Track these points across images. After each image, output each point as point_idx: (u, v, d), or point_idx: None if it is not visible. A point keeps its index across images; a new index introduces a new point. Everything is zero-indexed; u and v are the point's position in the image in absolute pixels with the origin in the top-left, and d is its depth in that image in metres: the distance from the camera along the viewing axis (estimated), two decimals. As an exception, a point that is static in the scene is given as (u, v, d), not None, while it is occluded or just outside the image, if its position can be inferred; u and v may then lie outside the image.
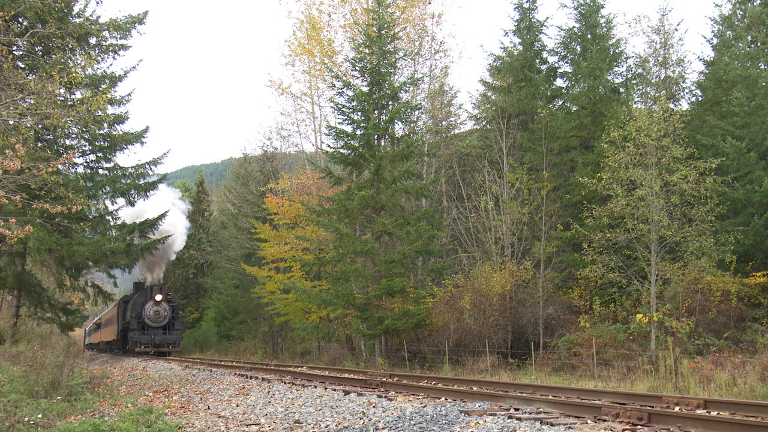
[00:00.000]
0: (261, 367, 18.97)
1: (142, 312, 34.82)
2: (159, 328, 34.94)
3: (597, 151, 21.77)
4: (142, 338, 34.03)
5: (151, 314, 34.75)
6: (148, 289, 36.26)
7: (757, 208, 18.68)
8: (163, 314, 35.17)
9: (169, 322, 35.50)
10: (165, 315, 35.21)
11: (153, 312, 34.84)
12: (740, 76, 20.12)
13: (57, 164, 14.22)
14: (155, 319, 34.81)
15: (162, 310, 35.16)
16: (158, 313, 34.98)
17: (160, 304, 35.35)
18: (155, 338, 34.01)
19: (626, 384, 14.25)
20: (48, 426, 9.69)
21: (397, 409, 8.74)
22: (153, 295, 35.35)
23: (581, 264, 20.11)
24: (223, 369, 17.31)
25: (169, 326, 35.47)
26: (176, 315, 36.23)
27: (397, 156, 22.16)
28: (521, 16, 28.30)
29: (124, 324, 37.79)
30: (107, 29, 22.00)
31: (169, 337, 34.73)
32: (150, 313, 34.76)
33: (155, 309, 35.00)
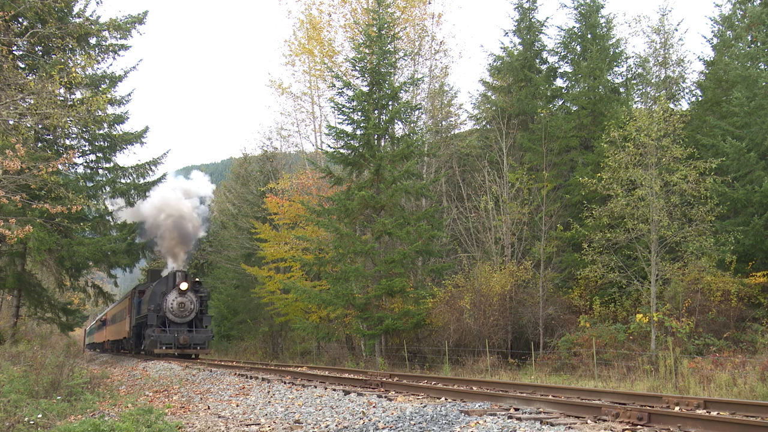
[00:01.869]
0: (261, 367, 18.96)
1: (162, 304, 28.15)
2: (184, 324, 28.34)
3: (597, 151, 21.77)
4: (164, 337, 27.34)
5: (174, 307, 28.07)
6: (170, 275, 29.26)
7: (757, 208, 18.68)
8: (190, 307, 28.43)
9: (196, 316, 28.69)
10: (192, 308, 28.50)
11: (177, 304, 28.10)
12: (740, 76, 20.12)
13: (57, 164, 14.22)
14: (179, 313, 28.17)
15: (188, 302, 28.36)
16: (183, 305, 28.23)
17: (185, 294, 28.39)
18: (180, 337, 27.34)
19: (626, 384, 14.25)
20: (48, 426, 9.69)
21: (397, 409, 8.74)
22: (177, 283, 28.50)
23: (581, 264, 20.11)
24: (223, 369, 17.32)
25: (197, 322, 28.70)
26: (205, 308, 29.30)
27: (397, 156, 22.16)
28: (521, 16, 28.30)
29: (139, 319, 31.37)
30: (107, 29, 22.01)
31: (196, 335, 27.89)
32: (173, 306, 28.08)
33: (180, 300, 28.14)
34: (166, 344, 27.15)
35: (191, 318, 28.48)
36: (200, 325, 28.68)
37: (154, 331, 27.54)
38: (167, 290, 28.45)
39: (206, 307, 29.45)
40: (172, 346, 27.18)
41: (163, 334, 27.34)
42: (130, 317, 33.57)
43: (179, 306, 28.12)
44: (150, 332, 27.53)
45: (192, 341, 27.56)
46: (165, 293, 28.30)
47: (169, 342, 27.24)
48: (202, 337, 28.05)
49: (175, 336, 27.33)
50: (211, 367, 18.40)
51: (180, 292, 28.29)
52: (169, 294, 28.21)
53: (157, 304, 28.19)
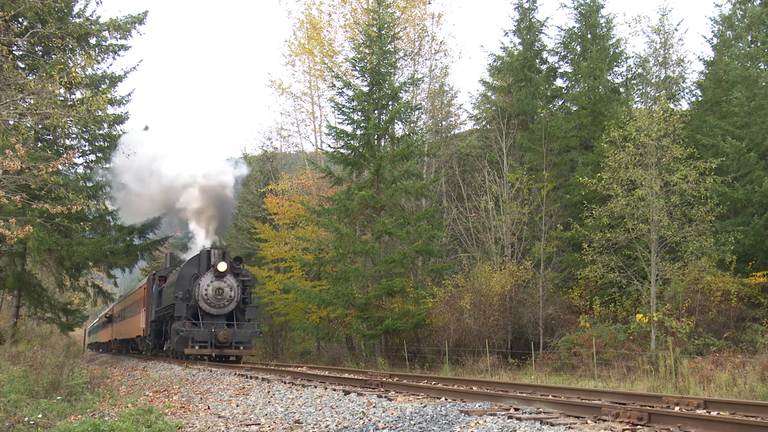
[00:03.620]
0: (261, 367, 18.97)
1: (193, 290, 22.05)
2: (221, 317, 21.98)
3: (597, 151, 21.77)
4: (197, 333, 21.18)
5: (209, 294, 21.87)
6: (202, 254, 22.89)
7: (757, 208, 18.68)
8: (229, 294, 22.12)
9: (237, 306, 22.31)
10: (231, 295, 22.18)
11: (213, 290, 21.91)
12: (740, 76, 20.12)
13: (57, 164, 14.23)
14: (216, 303, 21.95)
15: (227, 288, 22.08)
16: (221, 292, 21.93)
17: (224, 277, 22.07)
18: (218, 333, 21.13)
19: (626, 384, 14.25)
20: (48, 426, 9.69)
21: (397, 409, 8.74)
22: (213, 263, 22.36)
23: (581, 264, 20.11)
24: (223, 369, 17.32)
25: (237, 314, 22.36)
26: (248, 296, 23.06)
27: (397, 156, 22.16)
28: (521, 16, 28.30)
29: (161, 311, 25.23)
30: (107, 29, 22.01)
31: (239, 331, 21.62)
32: (208, 293, 21.87)
33: (217, 285, 21.94)
34: (200, 342, 21.10)
35: (231, 308, 22.13)
36: (242, 317, 22.38)
37: (184, 325, 21.37)
38: (200, 273, 22.35)
39: (249, 294, 23.08)
40: (208, 345, 21.15)
41: (196, 329, 21.26)
42: (147, 310, 27.44)
43: (216, 293, 21.86)
44: (179, 327, 21.44)
45: (234, 338, 21.33)
46: (197, 277, 22.25)
47: (204, 339, 21.13)
48: (246, 333, 21.64)
49: (212, 331, 21.17)
50: (211, 367, 18.41)
51: (217, 275, 21.98)
52: (202, 278, 22.00)
53: (187, 291, 22.19)
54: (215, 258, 22.39)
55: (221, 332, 21.06)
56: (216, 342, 21.11)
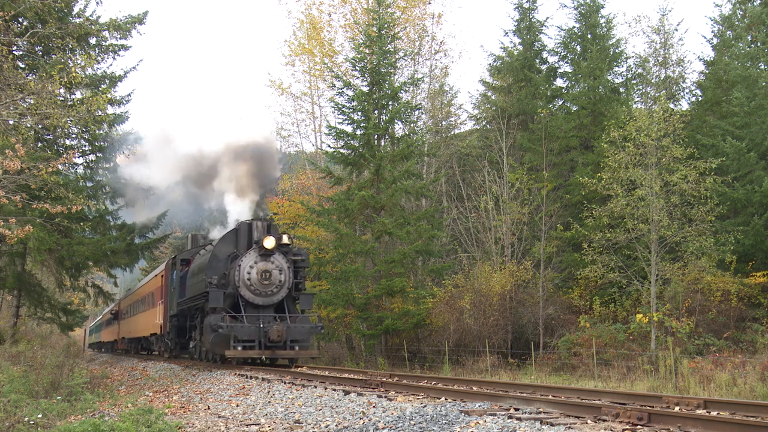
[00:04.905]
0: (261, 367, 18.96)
1: (232, 274, 17.57)
2: (269, 308, 17.59)
3: (597, 151, 21.77)
4: (240, 329, 16.61)
5: (253, 278, 17.31)
6: (241, 228, 18.36)
7: (757, 208, 18.68)
8: (278, 278, 17.53)
9: (288, 295, 17.88)
10: (282, 280, 17.58)
11: (258, 274, 17.34)
12: (740, 76, 20.12)
13: (57, 164, 14.23)
14: (263, 289, 17.38)
15: (276, 270, 17.51)
16: (268, 275, 17.36)
17: (271, 256, 17.54)
18: (269, 329, 16.57)
19: (626, 384, 14.25)
20: (48, 426, 9.69)
21: (397, 409, 8.74)
22: (257, 238, 17.77)
23: (581, 264, 20.11)
24: (223, 369, 17.32)
25: (289, 304, 17.97)
26: (302, 282, 18.50)
27: (397, 156, 22.17)
28: (521, 16, 28.30)
29: (186, 303, 20.24)
30: (107, 29, 21.98)
31: (296, 327, 17.14)
32: (251, 277, 17.32)
33: (263, 267, 17.40)
34: (244, 342, 16.56)
35: (281, 297, 17.57)
36: (293, 308, 17.99)
37: (223, 319, 16.74)
38: (239, 251, 17.87)
39: (304, 279, 18.57)
40: (256, 345, 16.57)
41: (239, 325, 16.59)
42: (166, 302, 22.78)
43: (262, 277, 17.22)
44: (216, 322, 16.65)
45: (289, 336, 16.75)
46: (235, 257, 17.74)
47: (251, 338, 16.57)
48: (305, 329, 17.17)
49: (260, 327, 16.52)
50: (211, 367, 18.40)
51: (262, 254, 17.35)
52: (243, 258, 17.41)
53: (222, 276, 17.66)
54: (259, 232, 17.65)
55: (273, 328, 16.33)
56: (267, 341, 16.49)
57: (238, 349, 16.57)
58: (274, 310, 17.66)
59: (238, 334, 16.53)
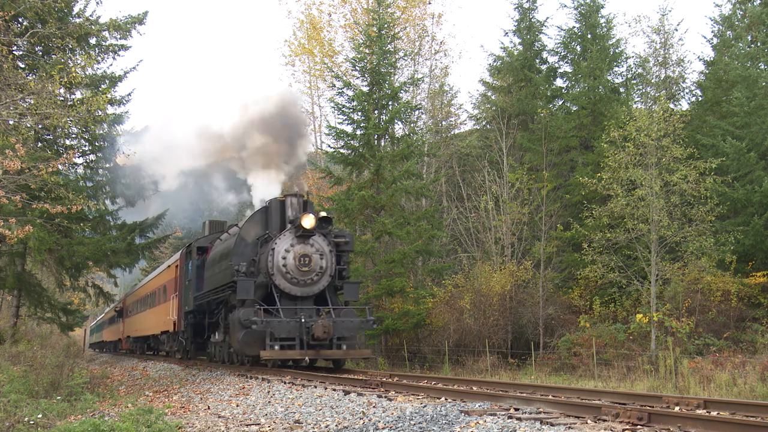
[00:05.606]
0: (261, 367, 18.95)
1: (263, 260, 15.26)
2: (308, 299, 15.29)
3: (597, 151, 21.78)
4: (277, 325, 14.21)
5: (290, 264, 14.97)
6: (272, 206, 15.95)
7: (757, 208, 18.69)
8: (319, 264, 15.24)
9: (331, 284, 15.63)
10: (323, 267, 15.29)
11: (296, 258, 15.00)
12: (740, 76, 20.12)
13: (57, 164, 14.23)
14: (301, 277, 15.06)
15: (316, 255, 15.23)
16: (308, 260, 15.06)
17: (309, 237, 15.21)
18: (313, 325, 14.23)
19: (626, 384, 14.25)
20: (48, 426, 9.69)
21: (397, 409, 8.74)
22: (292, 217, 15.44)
23: (581, 264, 20.11)
24: (223, 369, 17.32)
25: (331, 294, 15.68)
26: (347, 270, 16.07)
27: (397, 156, 22.17)
28: (521, 16, 28.32)
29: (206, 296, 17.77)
30: (107, 29, 21.98)
31: (342, 322, 14.81)
32: (287, 262, 14.98)
33: (301, 251, 15.06)
34: (282, 340, 14.14)
35: (322, 286, 15.26)
36: (335, 300, 15.66)
37: (255, 314, 14.15)
38: (271, 233, 15.41)
39: (347, 265, 16.08)
40: (297, 345, 14.13)
41: (276, 321, 14.19)
42: (181, 296, 20.36)
43: (300, 262, 14.83)
44: (245, 316, 14.25)
45: (336, 332, 14.45)
46: (266, 240, 15.38)
47: (290, 335, 14.15)
48: (353, 324, 14.87)
49: (301, 322, 14.12)
50: (211, 367, 18.40)
51: (299, 235, 14.93)
52: (277, 240, 14.98)
53: (251, 262, 15.27)
54: (294, 210, 15.26)
55: (319, 323, 13.90)
56: (310, 339, 14.05)
57: (275, 349, 13.83)
58: (314, 301, 15.21)
59: (275, 331, 13.89)
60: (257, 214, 16.23)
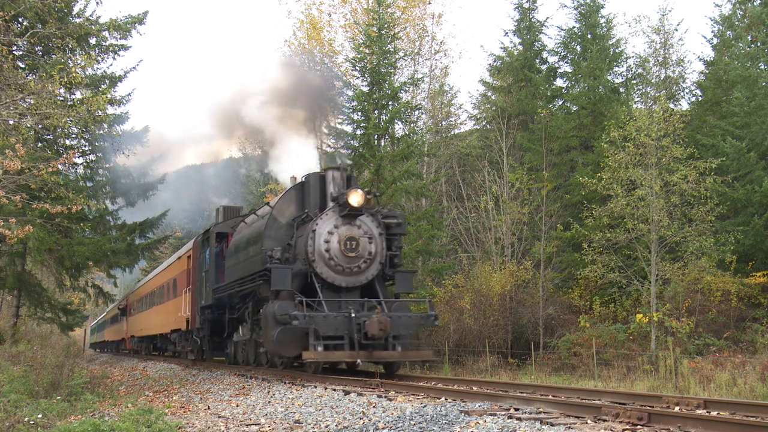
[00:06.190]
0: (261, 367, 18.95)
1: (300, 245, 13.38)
2: (354, 291, 13.41)
3: (597, 151, 21.78)
4: (324, 321, 12.22)
5: (333, 249, 13.11)
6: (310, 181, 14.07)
7: (757, 208, 18.69)
8: (368, 250, 13.36)
9: (381, 273, 13.69)
10: (372, 252, 13.41)
11: (341, 242, 13.11)
12: (740, 76, 20.12)
13: (57, 164, 14.23)
14: (347, 265, 13.19)
15: (365, 238, 13.37)
16: (355, 245, 13.18)
17: (356, 219, 13.42)
18: (368, 322, 12.23)
19: (626, 384, 14.25)
20: (48, 426, 9.69)
21: (397, 409, 8.74)
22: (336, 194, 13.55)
23: (581, 264, 20.11)
24: (223, 369, 17.31)
25: (379, 286, 13.65)
26: (399, 257, 14.13)
27: (397, 156, 22.17)
28: (521, 16, 28.31)
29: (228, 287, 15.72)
30: (107, 29, 21.98)
31: (399, 318, 12.85)
32: (331, 247, 13.12)
33: (347, 234, 13.20)
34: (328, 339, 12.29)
35: (372, 275, 13.36)
36: (385, 291, 13.64)
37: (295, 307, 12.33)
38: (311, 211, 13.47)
39: (400, 251, 14.14)
40: (347, 344, 12.26)
41: (320, 315, 12.19)
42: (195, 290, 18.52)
43: (346, 246, 12.92)
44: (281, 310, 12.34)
45: (391, 330, 12.44)
46: (304, 220, 13.46)
47: (338, 333, 12.27)
48: (412, 321, 13.04)
49: (351, 318, 12.20)
50: (211, 367, 18.39)
51: (345, 215, 13.11)
52: (318, 221, 13.08)
53: (286, 247, 13.31)
54: (336, 185, 13.36)
55: (374, 319, 11.97)
56: (362, 338, 12.09)
57: (318, 350, 11.94)
58: (359, 293, 13.26)
59: (320, 328, 11.90)
60: (292, 191, 14.09)
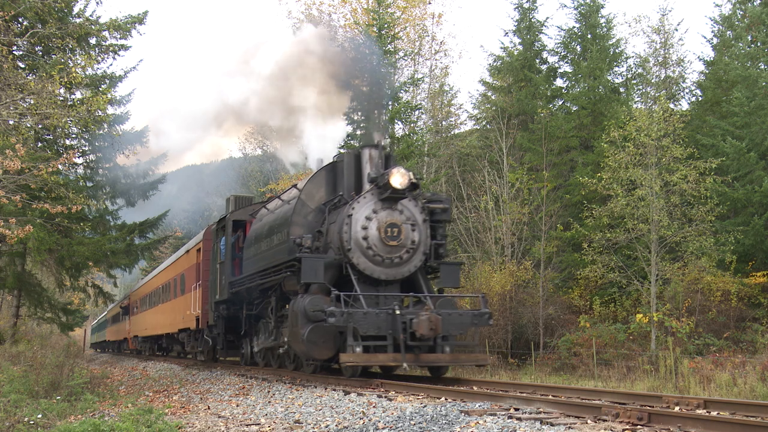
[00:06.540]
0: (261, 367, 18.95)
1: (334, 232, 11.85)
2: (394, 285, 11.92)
3: (597, 151, 21.78)
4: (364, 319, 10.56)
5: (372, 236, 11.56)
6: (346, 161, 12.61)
7: (757, 208, 18.69)
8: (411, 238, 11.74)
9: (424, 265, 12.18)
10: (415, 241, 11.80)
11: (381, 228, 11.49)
12: (740, 76, 20.13)
13: (57, 164, 14.23)
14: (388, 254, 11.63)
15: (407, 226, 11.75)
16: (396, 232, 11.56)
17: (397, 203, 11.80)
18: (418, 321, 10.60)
19: (626, 384, 14.25)
20: (48, 426, 9.69)
21: (397, 409, 8.73)
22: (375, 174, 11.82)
23: (581, 264, 20.11)
24: (223, 369, 17.31)
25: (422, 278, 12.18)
26: (444, 246, 12.51)
27: (397, 156, 22.16)
28: (521, 16, 28.31)
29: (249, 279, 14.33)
30: (107, 29, 21.98)
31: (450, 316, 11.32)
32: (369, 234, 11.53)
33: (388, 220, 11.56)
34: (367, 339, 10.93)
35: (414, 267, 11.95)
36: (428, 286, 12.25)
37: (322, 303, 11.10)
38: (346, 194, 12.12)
39: (445, 239, 12.60)
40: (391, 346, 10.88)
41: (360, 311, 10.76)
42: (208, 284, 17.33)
43: (386, 234, 11.51)
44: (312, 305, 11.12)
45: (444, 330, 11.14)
46: (336, 205, 12.16)
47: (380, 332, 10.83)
48: (464, 319, 11.68)
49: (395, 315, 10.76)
50: (211, 367, 18.38)
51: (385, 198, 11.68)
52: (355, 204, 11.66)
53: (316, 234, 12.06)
54: (374, 165, 11.99)
55: (424, 317, 10.55)
56: (408, 338, 10.68)
57: (356, 352, 10.55)
58: (400, 287, 11.85)
59: (360, 327, 10.47)
60: (322, 172, 12.70)
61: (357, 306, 11.00)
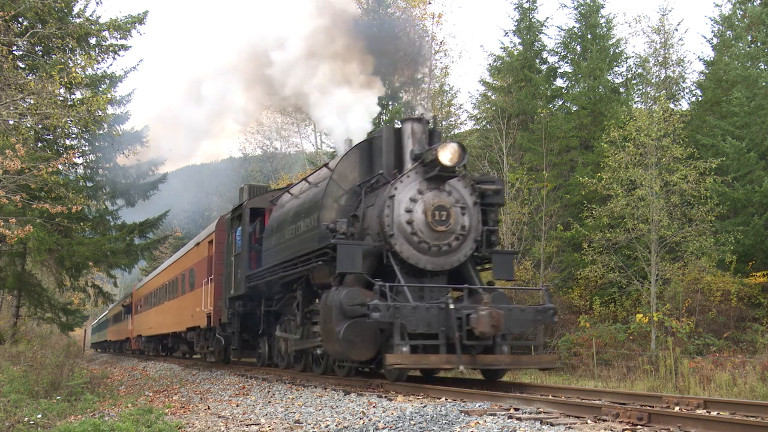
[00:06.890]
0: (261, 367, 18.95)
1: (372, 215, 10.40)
2: (441, 276, 10.41)
3: (597, 151, 21.78)
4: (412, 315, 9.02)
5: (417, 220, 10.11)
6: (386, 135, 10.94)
7: (757, 208, 18.69)
8: (461, 223, 10.24)
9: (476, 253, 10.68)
10: (466, 227, 10.30)
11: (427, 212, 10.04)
12: (740, 76, 20.13)
13: (57, 164, 14.23)
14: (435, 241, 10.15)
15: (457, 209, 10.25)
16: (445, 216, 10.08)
17: (445, 183, 10.31)
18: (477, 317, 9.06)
19: (626, 384, 14.25)
20: (48, 426, 9.69)
21: (397, 409, 8.73)
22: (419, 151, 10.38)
23: (581, 264, 20.11)
24: (223, 369, 17.30)
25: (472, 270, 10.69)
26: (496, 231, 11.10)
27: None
28: (521, 16, 28.31)
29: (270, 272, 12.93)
30: (107, 29, 21.98)
31: (511, 312, 9.77)
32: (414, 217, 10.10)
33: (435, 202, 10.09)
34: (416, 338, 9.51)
35: (464, 256, 10.61)
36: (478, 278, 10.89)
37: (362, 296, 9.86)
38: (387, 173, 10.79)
39: (497, 225, 11.54)
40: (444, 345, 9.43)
41: (408, 306, 9.26)
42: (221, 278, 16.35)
43: (435, 218, 10.19)
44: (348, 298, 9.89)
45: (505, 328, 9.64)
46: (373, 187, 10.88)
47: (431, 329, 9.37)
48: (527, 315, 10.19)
49: (448, 310, 9.31)
50: (211, 367, 18.37)
51: (431, 177, 10.30)
52: (397, 184, 10.29)
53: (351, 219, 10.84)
54: (417, 141, 10.67)
55: (484, 313, 9.26)
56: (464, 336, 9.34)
57: (403, 352, 9.23)
58: (447, 278, 10.58)
59: (408, 324, 9.20)
60: (356, 149, 11.38)
61: (399, 300, 9.54)
